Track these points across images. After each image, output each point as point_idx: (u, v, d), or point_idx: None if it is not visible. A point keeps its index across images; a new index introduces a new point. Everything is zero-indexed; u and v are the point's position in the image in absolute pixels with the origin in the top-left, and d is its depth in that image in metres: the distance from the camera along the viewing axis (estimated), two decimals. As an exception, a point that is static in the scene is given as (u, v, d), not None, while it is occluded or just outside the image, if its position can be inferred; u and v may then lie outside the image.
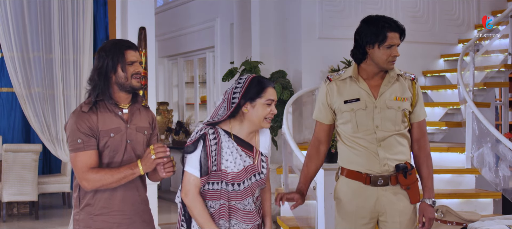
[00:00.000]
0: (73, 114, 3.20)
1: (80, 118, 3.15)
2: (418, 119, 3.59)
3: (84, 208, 3.22)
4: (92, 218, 3.21)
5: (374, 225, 3.58)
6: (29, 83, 7.12)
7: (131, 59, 3.21)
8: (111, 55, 3.18)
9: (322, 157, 3.67)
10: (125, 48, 3.21)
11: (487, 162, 6.17)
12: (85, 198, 3.22)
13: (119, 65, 3.18)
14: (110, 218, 3.23)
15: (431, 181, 3.59)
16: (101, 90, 3.18)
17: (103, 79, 3.18)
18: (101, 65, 3.18)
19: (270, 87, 3.16)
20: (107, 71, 3.18)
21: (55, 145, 7.23)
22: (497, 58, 8.02)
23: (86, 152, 3.13)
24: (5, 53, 7.16)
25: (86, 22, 7.32)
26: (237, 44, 9.13)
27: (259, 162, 3.21)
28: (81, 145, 3.12)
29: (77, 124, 3.14)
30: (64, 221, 7.97)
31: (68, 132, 3.18)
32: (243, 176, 3.13)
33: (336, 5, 7.99)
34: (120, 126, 3.23)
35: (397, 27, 3.46)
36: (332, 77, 3.64)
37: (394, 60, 3.48)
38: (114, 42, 3.29)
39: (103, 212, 3.22)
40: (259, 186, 3.23)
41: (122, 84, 3.21)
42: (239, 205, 3.15)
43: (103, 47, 3.25)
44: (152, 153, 3.14)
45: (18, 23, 7.09)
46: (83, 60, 7.30)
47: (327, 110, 3.61)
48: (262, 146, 3.27)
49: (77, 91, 7.29)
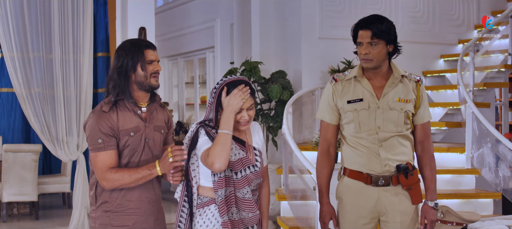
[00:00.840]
0: (93, 114, 3.21)
1: (101, 118, 3.17)
2: (422, 121, 3.59)
3: (101, 205, 3.25)
4: (109, 215, 3.24)
5: (375, 225, 3.59)
6: (29, 83, 7.12)
7: (150, 58, 3.25)
8: (131, 54, 3.21)
9: (333, 159, 3.68)
10: (144, 47, 3.25)
11: (487, 162, 6.16)
12: (102, 196, 3.25)
13: (139, 64, 3.21)
14: (126, 216, 3.25)
15: (433, 183, 3.59)
16: (121, 89, 3.21)
17: (123, 78, 3.21)
18: (121, 64, 3.21)
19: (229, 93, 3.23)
20: (127, 70, 3.20)
21: (55, 145, 7.24)
22: (497, 58, 8.02)
23: (107, 152, 3.16)
24: (5, 53, 7.17)
25: (86, 22, 7.33)
26: (237, 44, 9.13)
27: (253, 156, 3.33)
28: (101, 145, 3.15)
29: (98, 124, 3.15)
30: (64, 221, 7.97)
31: (88, 132, 3.19)
32: (239, 166, 3.27)
33: (336, 5, 7.98)
34: (139, 125, 3.26)
35: (364, 24, 3.48)
36: (338, 77, 3.65)
37: (364, 59, 3.48)
38: (133, 41, 3.32)
39: (119, 210, 3.25)
40: (256, 179, 3.33)
41: (141, 83, 3.23)
42: (238, 194, 3.27)
43: (122, 46, 3.27)
44: (169, 155, 3.15)
45: (18, 23, 7.10)
46: (83, 60, 7.31)
47: (333, 110, 3.62)
48: (254, 141, 3.39)
49: (77, 91, 7.30)
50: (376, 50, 3.46)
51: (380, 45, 3.45)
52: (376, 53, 3.46)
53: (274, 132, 7.48)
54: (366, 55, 3.47)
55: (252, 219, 3.32)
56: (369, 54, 3.46)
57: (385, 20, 3.49)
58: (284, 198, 6.32)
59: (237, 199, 3.27)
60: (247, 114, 3.24)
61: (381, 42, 3.45)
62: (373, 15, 3.53)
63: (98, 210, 3.26)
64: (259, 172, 3.34)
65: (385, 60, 3.52)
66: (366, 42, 3.46)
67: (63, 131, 7.21)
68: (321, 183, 3.65)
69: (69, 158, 7.35)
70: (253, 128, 3.42)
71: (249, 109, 3.25)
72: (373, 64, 3.49)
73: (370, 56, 3.46)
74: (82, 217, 7.23)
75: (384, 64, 3.54)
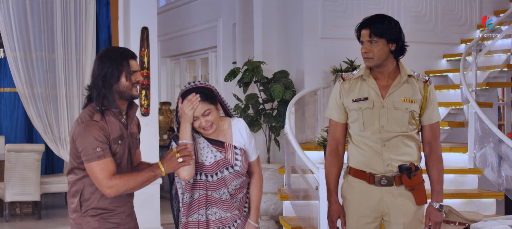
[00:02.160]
0: (83, 124, 3.16)
1: (94, 127, 3.14)
2: (430, 121, 3.57)
3: (88, 211, 3.25)
4: (97, 219, 3.24)
5: (378, 225, 3.59)
6: (31, 83, 7.13)
7: (134, 68, 3.25)
8: (117, 64, 3.19)
9: (341, 158, 3.69)
10: (130, 57, 3.25)
11: (490, 162, 6.16)
12: (89, 202, 3.24)
13: (124, 73, 3.20)
14: (112, 218, 3.28)
15: (440, 185, 3.57)
16: (106, 97, 3.20)
17: (107, 86, 3.19)
18: (105, 72, 3.19)
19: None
20: (110, 79, 3.19)
21: (58, 145, 7.25)
22: (499, 58, 8.01)
23: (107, 159, 3.14)
24: (7, 53, 7.18)
25: (89, 22, 7.34)
26: (239, 44, 9.13)
27: (232, 155, 3.37)
28: (101, 153, 3.12)
29: (93, 133, 3.13)
30: (67, 221, 7.93)
31: (82, 143, 3.14)
32: (215, 169, 3.35)
33: (338, 5, 7.98)
34: (123, 133, 3.28)
35: (364, 23, 3.51)
36: (346, 76, 3.65)
37: (365, 57, 3.51)
38: (118, 50, 3.29)
39: (106, 213, 3.26)
40: (237, 178, 3.39)
41: (123, 92, 3.23)
42: (215, 194, 3.36)
43: (106, 55, 3.24)
44: (177, 156, 3.17)
45: (21, 23, 7.11)
46: (85, 60, 7.32)
47: (340, 109, 3.62)
48: (235, 140, 3.41)
49: (80, 91, 7.30)
50: (376, 48, 3.46)
51: (380, 43, 3.46)
52: (376, 51, 3.47)
53: (276, 132, 7.48)
54: (367, 53, 3.49)
55: (231, 218, 3.39)
56: (369, 53, 3.48)
57: (386, 19, 3.49)
58: (286, 198, 6.33)
59: (213, 199, 3.35)
60: (204, 121, 3.29)
61: (381, 41, 3.46)
62: (375, 15, 3.54)
63: (84, 216, 3.25)
64: (240, 171, 3.38)
65: (388, 58, 3.51)
66: (366, 40, 3.48)
67: (66, 131, 7.22)
68: (330, 182, 3.65)
69: (72, 158, 7.35)
70: (235, 125, 3.44)
71: (205, 115, 3.29)
72: (374, 62, 3.49)
73: (371, 54, 3.48)
74: (84, 216, 7.23)
75: (389, 63, 3.53)
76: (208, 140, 3.36)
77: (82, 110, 3.29)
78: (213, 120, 3.31)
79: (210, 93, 3.34)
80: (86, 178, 3.22)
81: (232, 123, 3.44)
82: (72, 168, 3.28)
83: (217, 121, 3.35)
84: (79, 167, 3.22)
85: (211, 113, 3.31)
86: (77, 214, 3.28)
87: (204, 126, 3.30)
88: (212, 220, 3.37)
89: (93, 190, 3.22)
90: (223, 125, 3.42)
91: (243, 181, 3.44)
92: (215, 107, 3.34)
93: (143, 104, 7.15)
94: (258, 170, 3.55)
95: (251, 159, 3.49)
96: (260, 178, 3.56)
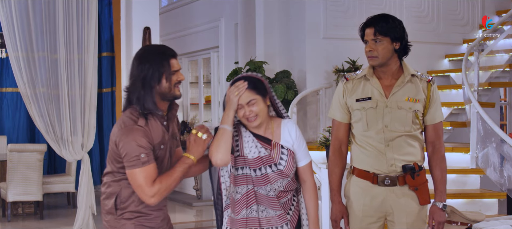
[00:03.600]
0: (127, 129, 3.03)
1: (139, 133, 3.01)
2: (433, 121, 3.57)
3: (124, 214, 3.16)
4: (133, 222, 3.15)
5: (382, 225, 3.59)
6: (34, 83, 7.13)
7: (175, 68, 3.13)
8: (157, 64, 3.07)
9: (344, 158, 3.68)
10: (170, 57, 3.13)
11: (492, 162, 6.15)
12: (126, 206, 3.15)
13: (164, 75, 3.08)
14: (147, 223, 3.19)
15: (443, 184, 3.57)
16: (145, 100, 3.07)
17: (147, 88, 3.06)
18: (145, 74, 3.05)
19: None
20: (151, 81, 3.06)
21: (60, 145, 7.25)
22: (501, 58, 8.01)
23: (151, 165, 3.02)
24: (10, 53, 7.18)
25: (91, 22, 7.33)
26: (241, 44, 9.14)
27: (278, 154, 3.26)
28: (145, 159, 2.99)
29: (137, 140, 2.99)
30: (69, 221, 7.98)
31: (126, 149, 3.01)
32: (259, 164, 3.24)
33: (340, 5, 7.99)
34: (165, 136, 3.16)
35: (368, 22, 3.51)
36: (349, 76, 3.65)
37: (369, 56, 3.50)
38: (157, 49, 3.18)
39: (141, 216, 3.17)
40: (281, 178, 3.25)
41: (165, 94, 3.11)
42: (261, 190, 3.24)
43: (145, 55, 3.12)
44: (199, 135, 3.10)
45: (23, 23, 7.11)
46: (87, 60, 7.32)
47: (343, 109, 3.62)
48: (283, 139, 3.30)
49: (82, 91, 7.30)
50: (380, 47, 3.46)
51: (384, 42, 3.46)
52: (380, 50, 3.47)
53: (278, 132, 7.47)
54: (371, 52, 3.49)
55: (279, 219, 3.26)
56: (374, 51, 3.47)
57: (390, 18, 3.50)
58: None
59: (261, 196, 3.24)
60: (248, 110, 3.20)
61: (385, 39, 3.46)
62: (379, 14, 3.54)
63: (120, 219, 3.16)
64: (284, 172, 3.24)
65: (392, 58, 3.51)
66: (371, 39, 3.47)
67: (68, 131, 7.22)
68: (333, 182, 3.65)
69: (74, 158, 7.36)
70: (284, 125, 3.31)
71: (250, 105, 3.20)
72: (378, 61, 3.49)
73: (375, 53, 3.47)
74: (86, 216, 7.24)
75: (393, 63, 3.53)
76: (254, 134, 3.27)
77: (122, 112, 3.17)
78: (257, 111, 3.20)
79: (259, 84, 3.25)
80: (123, 181, 3.12)
81: (282, 124, 3.32)
82: (109, 171, 3.18)
83: (263, 114, 3.23)
84: (119, 171, 3.12)
85: (257, 103, 3.20)
86: (111, 217, 3.18)
87: (247, 116, 3.20)
88: (261, 218, 3.24)
89: (130, 193, 3.12)
90: (272, 124, 3.31)
91: (288, 183, 3.29)
92: (262, 99, 3.23)
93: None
94: (310, 177, 3.36)
95: (300, 164, 3.33)
96: (313, 187, 3.37)
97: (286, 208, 3.30)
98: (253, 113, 3.21)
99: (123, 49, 7.43)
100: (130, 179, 3.04)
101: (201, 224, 8.16)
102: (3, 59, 10.02)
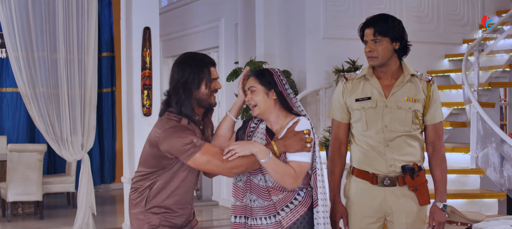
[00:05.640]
0: (171, 129, 3.07)
1: (183, 129, 3.07)
2: (433, 121, 3.56)
3: (152, 208, 3.20)
4: (159, 217, 3.20)
5: (381, 225, 3.59)
6: (33, 83, 7.13)
7: (214, 76, 3.20)
8: (198, 70, 3.14)
9: (344, 158, 3.68)
10: (210, 65, 3.20)
11: (492, 162, 6.16)
12: (154, 200, 3.19)
13: (204, 81, 3.15)
14: (172, 219, 3.23)
15: (443, 184, 3.56)
16: (184, 104, 3.13)
17: (187, 93, 3.13)
18: (186, 79, 3.13)
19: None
20: (191, 86, 3.13)
21: (60, 145, 7.25)
22: (501, 58, 8.01)
23: (207, 145, 3.08)
24: (10, 53, 7.18)
25: (91, 22, 7.34)
26: (241, 44, 9.13)
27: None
28: (199, 142, 3.05)
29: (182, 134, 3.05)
30: (69, 221, 7.98)
31: (174, 145, 3.05)
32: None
33: (341, 5, 7.99)
34: (202, 139, 3.18)
35: (368, 22, 3.51)
36: (349, 76, 3.65)
37: (369, 56, 3.50)
38: (200, 57, 3.23)
39: (167, 213, 3.22)
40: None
41: (202, 100, 3.18)
42: (255, 179, 3.27)
43: (186, 61, 3.19)
44: (308, 139, 3.15)
45: (23, 23, 7.11)
46: (87, 60, 7.32)
47: (343, 109, 3.63)
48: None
49: (82, 91, 7.31)
50: (380, 47, 3.46)
51: (384, 42, 3.46)
52: (380, 50, 3.46)
53: (278, 132, 7.48)
54: (371, 52, 3.48)
55: (263, 210, 3.24)
56: (374, 52, 3.47)
57: (389, 18, 3.50)
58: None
59: (253, 184, 3.27)
60: (249, 97, 3.25)
61: (385, 39, 3.46)
62: (379, 14, 3.54)
63: (147, 213, 3.20)
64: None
65: (392, 58, 3.51)
66: (370, 39, 3.47)
67: (68, 131, 7.22)
68: (332, 182, 3.65)
69: (74, 157, 7.37)
70: (294, 123, 3.24)
71: (251, 92, 3.25)
72: (378, 61, 3.49)
73: (375, 53, 3.47)
74: (86, 216, 7.25)
75: (393, 63, 3.53)
76: (267, 131, 3.30)
77: (159, 116, 3.22)
78: (256, 101, 3.23)
79: (266, 74, 3.27)
80: (153, 174, 3.18)
81: (293, 121, 3.25)
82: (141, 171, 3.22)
83: (262, 105, 3.24)
84: (152, 172, 3.17)
85: (256, 93, 3.23)
86: (139, 209, 3.23)
87: (248, 102, 3.25)
88: (253, 207, 3.26)
89: (160, 189, 3.18)
90: (284, 120, 3.28)
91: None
92: (264, 91, 3.23)
93: (145, 104, 7.16)
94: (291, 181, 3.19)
95: (289, 158, 3.21)
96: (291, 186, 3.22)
97: (278, 206, 3.23)
98: (253, 101, 3.26)
99: (123, 49, 7.43)
100: (198, 167, 3.12)
101: (201, 224, 8.16)
102: (3, 59, 10.02)
